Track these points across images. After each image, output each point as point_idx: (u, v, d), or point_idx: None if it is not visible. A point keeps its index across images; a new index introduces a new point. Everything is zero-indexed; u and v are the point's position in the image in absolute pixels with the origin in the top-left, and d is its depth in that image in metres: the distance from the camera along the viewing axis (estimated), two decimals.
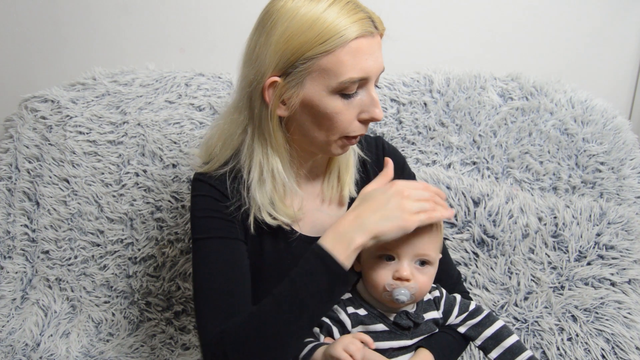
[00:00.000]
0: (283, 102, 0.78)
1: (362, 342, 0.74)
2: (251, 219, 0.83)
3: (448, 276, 0.95)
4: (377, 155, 0.98)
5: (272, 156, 0.82)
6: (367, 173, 0.96)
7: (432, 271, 0.80)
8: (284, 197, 0.85)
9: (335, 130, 0.79)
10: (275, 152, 0.82)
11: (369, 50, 0.76)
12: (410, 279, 0.77)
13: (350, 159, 0.92)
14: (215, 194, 0.85)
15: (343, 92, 0.76)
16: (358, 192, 0.89)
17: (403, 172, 0.98)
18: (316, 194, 0.92)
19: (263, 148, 0.82)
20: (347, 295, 0.83)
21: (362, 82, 0.77)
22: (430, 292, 0.86)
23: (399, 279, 0.77)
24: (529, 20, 1.43)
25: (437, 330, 0.84)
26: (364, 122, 0.81)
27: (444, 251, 0.98)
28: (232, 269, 0.82)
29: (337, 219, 0.77)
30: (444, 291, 0.88)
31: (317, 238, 0.87)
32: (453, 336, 0.85)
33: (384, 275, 0.78)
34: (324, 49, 0.73)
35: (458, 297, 0.88)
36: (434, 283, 0.87)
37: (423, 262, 0.79)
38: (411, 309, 0.82)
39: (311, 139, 0.82)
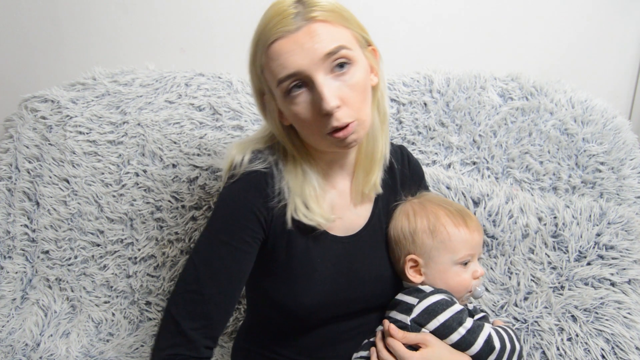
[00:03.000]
0: (275, 109, 0.84)
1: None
2: (288, 216, 0.84)
3: None
4: (402, 163, 1.01)
5: (291, 159, 0.86)
6: (393, 178, 0.98)
7: None
8: (316, 197, 0.86)
9: (310, 130, 0.80)
10: (292, 156, 0.86)
11: (290, 47, 0.75)
12: (483, 274, 0.91)
13: (375, 153, 0.90)
14: (256, 193, 0.84)
15: (288, 94, 0.78)
16: (383, 189, 0.94)
17: (420, 185, 1.03)
18: (346, 192, 0.93)
19: (285, 152, 0.87)
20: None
21: (302, 78, 0.76)
22: None
23: (478, 277, 0.89)
24: (529, 20, 1.43)
25: None
26: (326, 116, 0.76)
27: None
28: (232, 277, 0.82)
29: None
30: None
31: (346, 237, 0.91)
32: None
33: (467, 278, 0.89)
34: (259, 65, 0.80)
35: None
36: None
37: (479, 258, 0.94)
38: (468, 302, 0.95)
39: (307, 139, 0.84)
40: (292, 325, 0.90)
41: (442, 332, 0.83)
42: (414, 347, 0.82)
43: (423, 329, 0.84)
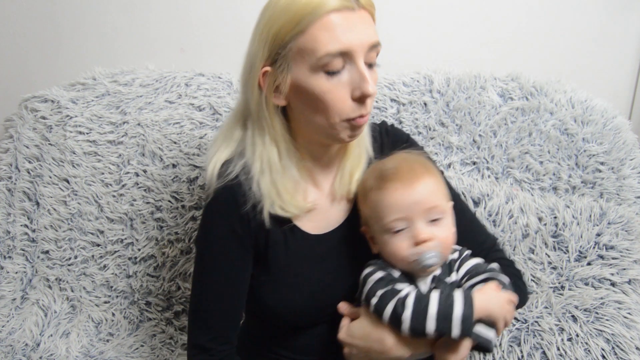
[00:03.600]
0: (278, 91, 0.79)
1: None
2: (265, 213, 0.83)
3: (477, 243, 0.91)
4: (380, 138, 0.97)
5: (270, 146, 0.83)
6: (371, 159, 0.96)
7: (448, 221, 0.79)
8: (292, 189, 0.85)
9: (331, 112, 0.77)
10: (273, 142, 0.83)
11: (347, 24, 0.74)
12: (431, 239, 0.75)
13: (362, 156, 0.92)
14: (232, 211, 0.84)
15: (327, 70, 0.75)
16: None
17: (408, 146, 0.97)
18: (329, 189, 0.92)
19: (262, 139, 0.83)
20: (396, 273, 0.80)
21: (346, 57, 0.75)
22: (451, 254, 0.83)
23: (421, 242, 0.75)
24: (529, 21, 1.43)
25: None
26: (358, 100, 0.77)
27: (471, 216, 0.97)
28: (230, 294, 0.87)
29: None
30: (466, 253, 0.84)
31: (327, 234, 0.89)
32: None
33: (404, 246, 0.77)
34: (299, 29, 0.74)
35: (475, 260, 0.83)
36: (460, 246, 0.85)
37: (435, 218, 0.77)
38: (438, 271, 0.80)
39: (314, 127, 0.81)
40: (286, 327, 0.90)
41: (367, 304, 0.78)
42: None
43: (362, 304, 0.82)
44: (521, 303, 0.89)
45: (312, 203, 0.87)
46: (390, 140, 0.97)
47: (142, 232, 1.29)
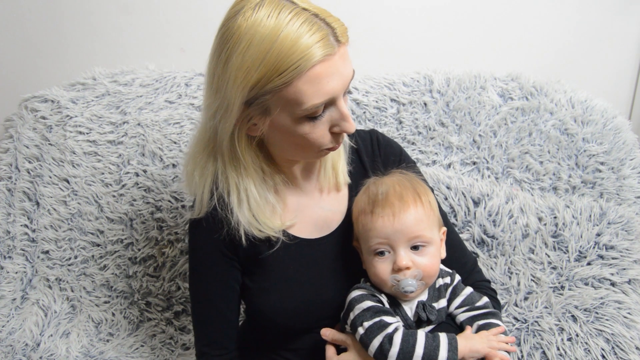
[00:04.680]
0: (254, 126, 0.78)
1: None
2: (241, 233, 0.84)
3: (459, 264, 0.93)
4: (372, 148, 0.97)
5: (246, 178, 0.83)
6: (362, 163, 0.95)
7: (432, 251, 0.80)
8: (270, 212, 0.86)
9: (310, 146, 0.79)
10: (247, 174, 0.83)
11: (330, 71, 0.72)
12: (410, 267, 0.77)
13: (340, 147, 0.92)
14: (210, 236, 0.87)
15: (310, 116, 0.75)
16: (352, 180, 0.92)
17: (400, 160, 0.97)
18: (313, 187, 0.92)
19: (236, 171, 0.83)
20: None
21: (329, 102, 0.75)
22: (442, 278, 0.85)
23: (399, 270, 0.77)
24: (529, 20, 1.43)
25: (444, 319, 0.83)
26: (336, 134, 0.79)
27: (455, 238, 0.98)
28: (218, 306, 0.91)
29: None
30: (457, 278, 0.87)
31: (323, 238, 0.89)
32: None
33: (384, 271, 0.78)
34: (281, 82, 0.70)
35: (468, 289, 0.86)
36: (450, 269, 0.88)
37: (418, 246, 0.79)
38: (424, 296, 0.82)
39: (290, 153, 0.84)
40: (281, 331, 0.91)
41: (353, 332, 0.79)
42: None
43: (347, 327, 0.81)
44: None
45: (292, 220, 0.88)
46: (382, 152, 0.97)
47: (142, 232, 1.29)
